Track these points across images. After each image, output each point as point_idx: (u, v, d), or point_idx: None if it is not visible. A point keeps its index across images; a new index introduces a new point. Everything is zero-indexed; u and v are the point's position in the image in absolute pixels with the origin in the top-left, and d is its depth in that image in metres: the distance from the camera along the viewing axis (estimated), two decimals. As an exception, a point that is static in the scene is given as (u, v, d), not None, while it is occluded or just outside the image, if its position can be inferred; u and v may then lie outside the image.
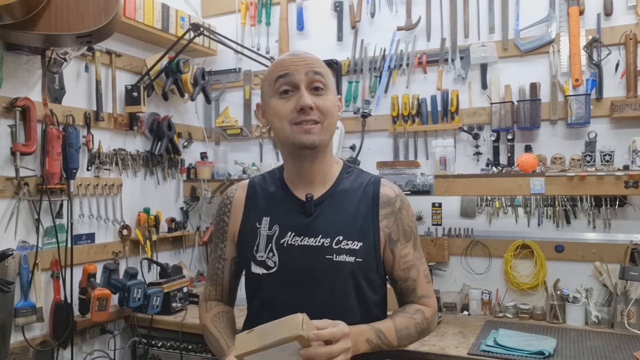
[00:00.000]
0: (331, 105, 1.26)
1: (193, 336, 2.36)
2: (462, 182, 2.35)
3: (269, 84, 1.28)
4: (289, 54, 1.30)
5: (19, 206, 2.10)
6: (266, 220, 1.31)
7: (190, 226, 3.05)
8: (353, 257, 1.25)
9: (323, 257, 1.25)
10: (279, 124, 1.25)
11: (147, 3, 2.57)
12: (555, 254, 2.43)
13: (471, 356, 1.90)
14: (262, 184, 1.40)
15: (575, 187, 2.18)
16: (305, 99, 1.21)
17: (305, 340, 1.02)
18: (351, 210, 1.30)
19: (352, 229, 1.27)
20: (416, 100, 2.69)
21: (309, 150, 1.25)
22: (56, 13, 1.84)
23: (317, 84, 1.24)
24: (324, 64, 1.30)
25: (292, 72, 1.23)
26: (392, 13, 2.77)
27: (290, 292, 1.27)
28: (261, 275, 1.30)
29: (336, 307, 1.26)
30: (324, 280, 1.26)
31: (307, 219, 1.29)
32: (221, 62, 3.19)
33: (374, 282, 1.32)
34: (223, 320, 1.38)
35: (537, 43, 2.47)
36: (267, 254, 1.29)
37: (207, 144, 3.20)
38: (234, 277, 1.44)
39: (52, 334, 2.19)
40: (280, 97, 1.25)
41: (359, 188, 1.33)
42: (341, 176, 1.35)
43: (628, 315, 2.16)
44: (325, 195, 1.31)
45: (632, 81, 2.28)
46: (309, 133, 1.22)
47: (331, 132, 1.29)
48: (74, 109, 2.34)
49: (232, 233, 1.39)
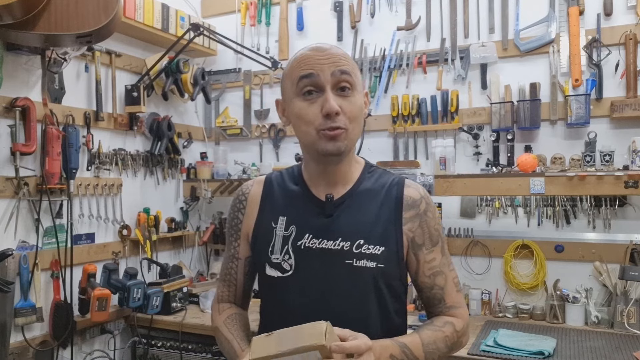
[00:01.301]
0: (358, 109, 1.18)
1: (193, 336, 2.36)
2: (462, 182, 2.35)
3: (291, 82, 1.18)
4: (313, 48, 1.19)
5: (19, 206, 2.10)
6: (282, 220, 1.24)
7: (190, 226, 3.05)
8: (374, 262, 1.18)
9: (342, 261, 1.18)
10: (304, 128, 1.17)
11: (147, 3, 2.57)
12: (555, 254, 2.43)
13: (471, 356, 1.90)
14: (280, 181, 1.32)
15: (575, 187, 2.18)
16: (331, 103, 1.12)
17: (327, 350, 0.96)
18: (373, 213, 1.22)
19: (374, 233, 1.20)
20: (416, 100, 2.69)
21: (335, 157, 1.19)
22: (56, 13, 1.84)
23: (343, 84, 1.15)
24: (350, 58, 1.20)
25: (317, 73, 1.14)
26: (392, 13, 2.77)
27: (307, 298, 1.20)
28: (276, 278, 1.23)
29: (355, 314, 1.19)
30: (343, 286, 1.19)
31: (326, 220, 1.22)
32: (221, 62, 3.19)
33: (395, 289, 1.24)
34: (236, 323, 1.31)
35: (537, 43, 2.47)
36: (283, 256, 1.22)
37: (207, 144, 3.20)
38: (249, 277, 1.36)
39: (52, 334, 2.19)
40: (303, 99, 1.16)
41: (382, 189, 1.25)
42: (363, 176, 1.27)
43: (628, 315, 2.16)
44: (346, 196, 1.24)
45: (632, 81, 2.28)
46: (334, 140, 1.14)
47: (357, 136, 1.21)
48: (74, 109, 2.34)
49: (246, 231, 1.31)
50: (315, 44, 1.21)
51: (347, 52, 1.23)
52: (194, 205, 3.06)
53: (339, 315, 1.15)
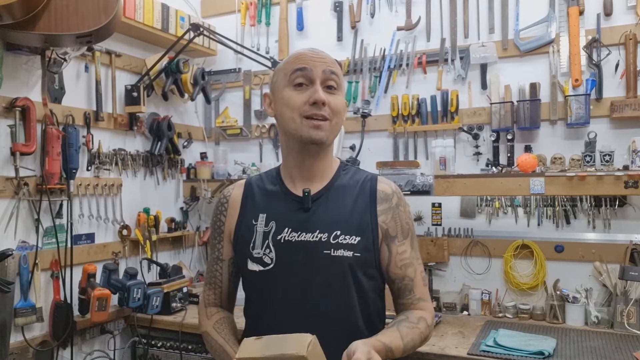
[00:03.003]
0: (341, 105, 1.30)
1: (193, 336, 2.36)
2: (461, 182, 2.35)
3: (285, 75, 1.30)
4: (308, 48, 1.34)
5: (19, 206, 2.10)
6: (262, 217, 1.31)
7: (190, 226, 3.05)
8: (351, 251, 1.25)
9: (321, 252, 1.25)
10: (289, 114, 1.27)
11: (147, 3, 2.57)
12: (555, 254, 2.43)
13: (471, 356, 1.90)
14: (259, 183, 1.40)
15: (575, 187, 2.18)
16: (319, 93, 1.24)
17: None
18: (349, 205, 1.30)
19: (350, 224, 1.27)
20: (416, 101, 2.69)
21: (315, 146, 1.27)
22: (56, 13, 1.84)
23: (331, 82, 1.28)
24: (339, 66, 1.34)
25: (310, 67, 1.27)
26: (392, 13, 2.77)
27: (289, 289, 1.26)
28: (258, 272, 1.29)
29: (335, 302, 1.25)
30: (323, 275, 1.25)
31: (304, 214, 1.29)
32: (221, 62, 3.19)
33: (373, 278, 1.31)
34: (226, 327, 1.37)
35: (537, 43, 2.47)
36: (264, 250, 1.28)
37: (207, 144, 3.20)
38: (233, 278, 1.42)
39: (52, 334, 2.19)
40: (294, 89, 1.27)
41: (356, 184, 1.34)
42: (338, 173, 1.36)
43: (628, 315, 2.16)
44: (323, 191, 1.32)
45: (632, 81, 2.28)
46: (318, 129, 1.25)
47: (337, 132, 1.32)
48: (74, 109, 2.34)
49: (228, 232, 1.38)
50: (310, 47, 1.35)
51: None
52: (194, 206, 3.06)
53: (319, 304, 1.23)
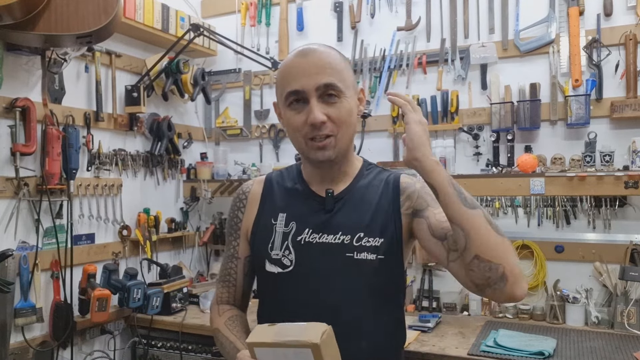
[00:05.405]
0: (346, 113, 1.19)
1: (193, 337, 2.36)
2: (462, 183, 2.31)
3: (280, 93, 1.22)
4: (299, 54, 1.21)
5: (19, 206, 2.10)
6: (282, 217, 1.26)
7: (190, 226, 3.05)
8: (375, 254, 1.20)
9: (343, 255, 1.20)
10: (292, 135, 1.22)
11: (147, 3, 2.57)
12: (555, 254, 2.43)
13: (471, 356, 1.90)
14: (280, 180, 1.34)
15: (575, 188, 2.18)
16: (315, 114, 1.14)
17: (319, 352, 0.97)
18: (372, 206, 1.24)
19: (374, 225, 1.22)
20: (416, 101, 2.69)
21: (327, 163, 1.22)
22: (56, 13, 1.84)
23: (329, 92, 1.17)
24: (339, 61, 1.21)
25: (302, 88, 1.16)
26: (392, 13, 2.77)
27: (308, 292, 1.21)
28: (276, 274, 1.23)
29: (356, 306, 1.20)
30: (344, 278, 1.20)
31: (326, 215, 1.23)
32: (221, 63, 3.19)
33: (396, 279, 1.27)
34: (238, 325, 1.32)
35: (537, 43, 2.47)
36: (283, 251, 1.23)
37: (207, 144, 3.20)
38: (248, 277, 1.36)
39: (52, 334, 2.19)
40: (291, 109, 1.19)
41: (380, 183, 1.28)
42: (361, 173, 1.30)
43: (628, 316, 2.15)
44: (345, 191, 1.26)
45: (632, 81, 2.28)
46: (322, 149, 1.18)
47: (349, 138, 1.24)
48: (74, 109, 2.34)
49: (245, 230, 1.32)
50: (304, 46, 1.23)
51: (336, 53, 1.23)
52: (194, 206, 3.06)
53: (339, 309, 1.18)
